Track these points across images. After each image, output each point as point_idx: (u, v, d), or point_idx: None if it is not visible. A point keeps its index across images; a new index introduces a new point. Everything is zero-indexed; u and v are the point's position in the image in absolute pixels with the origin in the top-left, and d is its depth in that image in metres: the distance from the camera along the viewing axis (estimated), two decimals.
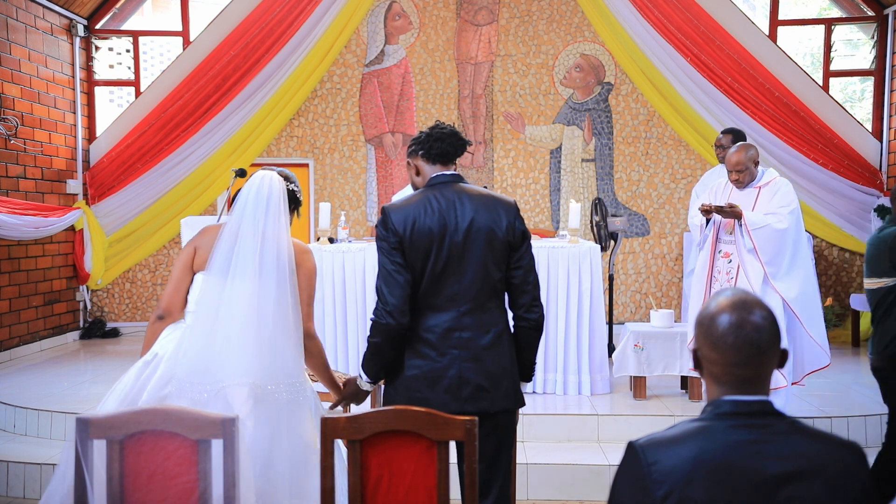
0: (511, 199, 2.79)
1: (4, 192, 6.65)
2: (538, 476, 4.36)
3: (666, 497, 1.48)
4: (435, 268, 2.63)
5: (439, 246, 2.62)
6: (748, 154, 4.55)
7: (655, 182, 7.99)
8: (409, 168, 2.84)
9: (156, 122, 7.62)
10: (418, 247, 2.62)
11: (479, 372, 2.63)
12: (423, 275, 2.64)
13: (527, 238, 2.74)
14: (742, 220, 4.48)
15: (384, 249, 2.66)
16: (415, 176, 2.82)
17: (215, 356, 2.62)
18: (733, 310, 1.57)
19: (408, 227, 2.63)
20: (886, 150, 7.59)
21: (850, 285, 7.85)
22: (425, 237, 2.62)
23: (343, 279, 5.43)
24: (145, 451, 2.24)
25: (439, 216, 2.64)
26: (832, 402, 5.10)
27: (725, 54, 7.38)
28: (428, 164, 2.77)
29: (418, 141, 2.80)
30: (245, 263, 2.67)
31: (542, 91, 8.01)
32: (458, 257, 2.64)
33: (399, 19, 8.04)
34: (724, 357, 1.56)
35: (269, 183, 2.79)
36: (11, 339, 6.84)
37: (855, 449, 1.56)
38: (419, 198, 2.70)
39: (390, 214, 2.66)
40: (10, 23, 6.79)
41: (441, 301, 2.65)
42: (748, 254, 4.50)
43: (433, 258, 2.63)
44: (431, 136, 2.77)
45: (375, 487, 2.27)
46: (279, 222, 2.76)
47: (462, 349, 2.63)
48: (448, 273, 2.64)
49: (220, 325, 2.65)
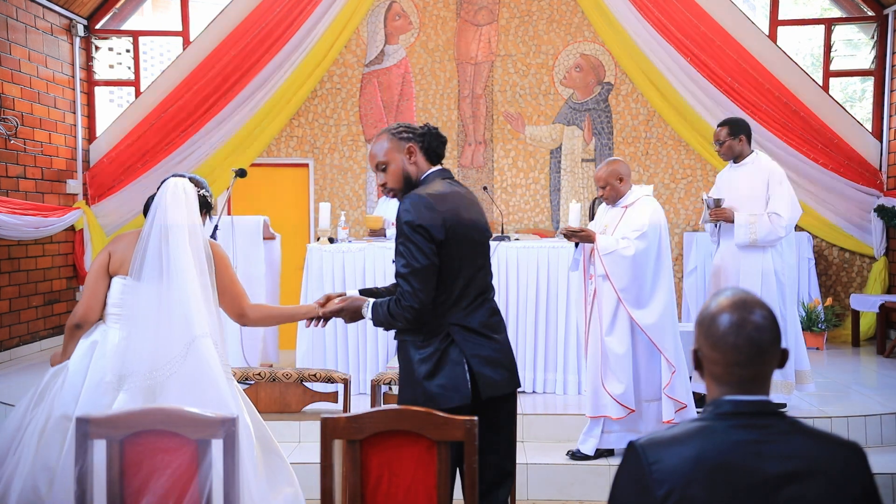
0: None
1: (4, 192, 6.65)
2: (538, 476, 4.37)
3: (667, 497, 1.48)
4: (466, 260, 2.74)
5: (469, 238, 2.74)
6: (610, 169, 4.37)
7: (655, 182, 7.99)
8: (404, 153, 2.78)
9: (156, 122, 7.61)
10: (455, 239, 2.69)
11: (510, 353, 2.87)
12: (458, 267, 2.72)
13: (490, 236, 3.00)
14: (595, 244, 4.29)
15: (423, 236, 2.65)
16: (410, 164, 2.79)
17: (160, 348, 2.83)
18: (734, 309, 1.57)
19: (449, 218, 2.68)
20: (886, 150, 7.59)
21: (850, 285, 7.85)
22: (462, 229, 2.72)
23: (343, 279, 5.43)
24: (145, 451, 2.24)
25: (467, 209, 2.77)
26: (832, 402, 5.10)
27: (725, 54, 7.38)
28: (426, 160, 2.82)
29: (416, 133, 2.80)
30: (172, 263, 2.87)
31: (542, 91, 8.01)
32: (481, 249, 2.82)
33: (399, 19, 8.04)
34: (726, 357, 1.56)
35: (182, 187, 2.97)
36: (11, 339, 6.84)
37: (856, 449, 1.56)
38: (448, 192, 2.74)
39: (435, 204, 2.68)
40: (10, 23, 6.79)
41: (474, 291, 2.77)
42: (602, 280, 4.29)
43: (466, 250, 2.74)
44: (431, 133, 2.81)
45: (375, 487, 2.27)
46: (195, 223, 2.96)
47: (500, 333, 2.83)
48: (473, 265, 2.77)
49: (161, 321, 2.84)
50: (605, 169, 4.40)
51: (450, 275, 2.69)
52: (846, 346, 7.22)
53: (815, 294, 7.19)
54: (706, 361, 1.60)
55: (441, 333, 2.70)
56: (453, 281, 2.69)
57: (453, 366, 2.67)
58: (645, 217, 4.26)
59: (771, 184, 4.70)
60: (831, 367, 6.27)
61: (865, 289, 7.62)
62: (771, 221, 4.61)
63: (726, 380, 1.58)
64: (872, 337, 7.35)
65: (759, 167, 4.79)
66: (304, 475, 4.34)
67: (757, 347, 1.55)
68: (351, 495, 2.26)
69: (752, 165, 4.82)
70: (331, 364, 5.40)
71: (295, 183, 8.17)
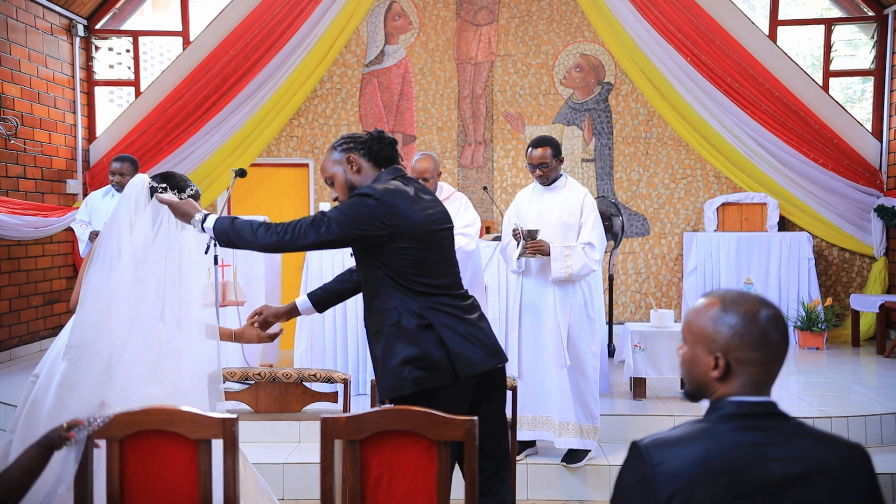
0: None
1: (4, 192, 6.65)
2: (538, 476, 4.36)
3: (671, 498, 1.47)
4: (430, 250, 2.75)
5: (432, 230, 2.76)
6: (435, 161, 4.47)
7: (655, 182, 7.99)
8: (345, 163, 2.79)
9: (156, 122, 7.61)
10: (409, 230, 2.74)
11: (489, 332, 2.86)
12: (425, 256, 2.74)
13: None
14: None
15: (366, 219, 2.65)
16: (353, 174, 2.79)
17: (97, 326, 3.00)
18: (764, 307, 1.55)
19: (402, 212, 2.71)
20: (886, 150, 7.59)
21: (850, 285, 7.85)
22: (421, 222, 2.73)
23: None
24: (145, 451, 2.24)
25: (429, 203, 2.78)
26: (832, 402, 5.10)
27: (725, 54, 7.38)
28: (372, 166, 2.80)
29: (359, 141, 2.80)
30: (122, 253, 3.03)
31: (542, 91, 8.01)
32: (447, 239, 2.84)
33: (399, 19, 8.04)
34: (769, 354, 1.54)
35: (136, 183, 3.14)
36: (11, 339, 6.84)
37: (860, 451, 1.55)
38: (405, 185, 2.76)
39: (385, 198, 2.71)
40: (10, 23, 6.79)
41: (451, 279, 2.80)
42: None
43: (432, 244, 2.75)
44: (374, 138, 2.80)
45: (375, 487, 2.27)
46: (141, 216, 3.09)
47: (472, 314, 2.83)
48: (439, 253, 2.79)
49: (111, 308, 3.01)
50: (430, 161, 4.43)
51: (416, 266, 2.69)
52: (846, 346, 7.22)
53: (815, 294, 7.18)
54: (739, 364, 1.55)
55: (415, 319, 2.68)
56: (422, 271, 2.70)
57: (432, 346, 2.66)
58: (471, 213, 4.48)
59: (585, 211, 4.27)
60: (831, 367, 6.27)
61: (865, 289, 7.62)
62: (585, 254, 4.19)
63: (758, 378, 1.55)
64: (872, 337, 7.35)
65: (572, 192, 4.33)
66: (303, 475, 4.35)
67: (786, 343, 1.56)
68: (351, 495, 2.26)
69: (565, 190, 4.35)
70: (331, 364, 5.40)
71: (295, 183, 8.17)
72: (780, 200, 7.53)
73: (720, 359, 1.56)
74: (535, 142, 4.32)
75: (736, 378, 1.56)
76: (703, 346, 1.58)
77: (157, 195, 2.99)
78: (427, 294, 2.70)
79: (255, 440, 4.67)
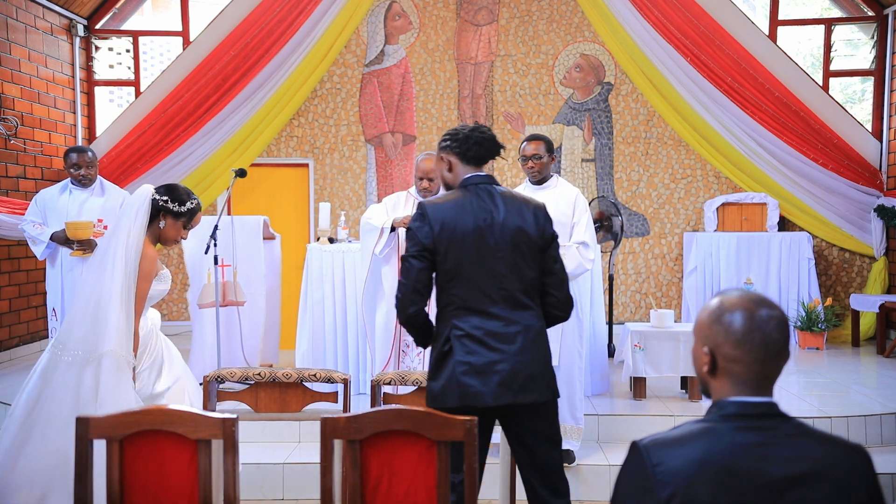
0: (541, 202, 2.88)
1: (4, 192, 6.65)
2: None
3: (670, 499, 1.47)
4: (468, 266, 2.71)
5: (474, 245, 2.71)
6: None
7: (655, 182, 7.99)
8: (440, 162, 2.91)
9: (156, 122, 7.61)
10: (452, 245, 2.71)
11: (526, 365, 2.71)
12: (459, 275, 2.72)
13: (556, 239, 2.84)
14: None
15: (411, 239, 2.76)
16: (446, 172, 2.90)
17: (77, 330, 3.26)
18: (754, 307, 1.56)
19: (445, 224, 2.72)
20: (886, 150, 7.59)
21: (850, 285, 7.85)
22: (459, 235, 2.71)
23: (343, 279, 5.43)
24: (145, 451, 2.24)
25: (474, 216, 2.73)
26: (832, 402, 5.10)
27: (725, 54, 7.38)
28: (462, 163, 2.85)
29: (455, 138, 2.86)
30: (108, 261, 3.26)
31: (542, 91, 8.01)
32: (491, 256, 2.72)
33: (399, 19, 8.04)
34: (750, 354, 1.55)
35: (140, 194, 3.36)
36: (11, 339, 6.84)
37: (861, 452, 1.55)
38: (455, 197, 2.79)
39: (428, 211, 2.75)
40: (10, 23, 6.79)
41: (479, 300, 2.72)
42: None
43: (469, 259, 2.71)
44: (470, 138, 2.84)
45: (375, 487, 2.27)
46: (133, 231, 3.31)
47: (508, 343, 2.70)
48: (481, 272, 2.71)
49: (88, 308, 3.26)
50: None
51: (447, 279, 2.73)
52: (846, 346, 7.22)
53: (815, 294, 7.19)
54: (724, 360, 1.57)
55: (443, 336, 2.74)
56: (452, 285, 2.73)
57: (446, 369, 2.72)
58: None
59: (577, 210, 4.28)
60: (831, 367, 6.27)
61: (865, 289, 7.62)
62: (580, 253, 4.20)
63: (745, 378, 1.56)
64: (872, 337, 7.35)
65: (564, 191, 4.35)
66: (304, 475, 4.35)
67: (777, 344, 1.55)
68: (351, 495, 2.26)
69: (557, 189, 4.36)
70: (331, 364, 5.40)
71: (295, 183, 8.17)
72: (780, 200, 7.53)
73: (707, 354, 1.60)
74: (530, 136, 4.40)
75: (726, 376, 1.58)
76: (700, 341, 1.63)
77: None
78: None
79: (255, 440, 4.67)
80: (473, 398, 2.67)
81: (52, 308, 5.32)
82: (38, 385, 3.25)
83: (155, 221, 3.41)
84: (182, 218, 3.46)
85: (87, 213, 5.16)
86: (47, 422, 3.17)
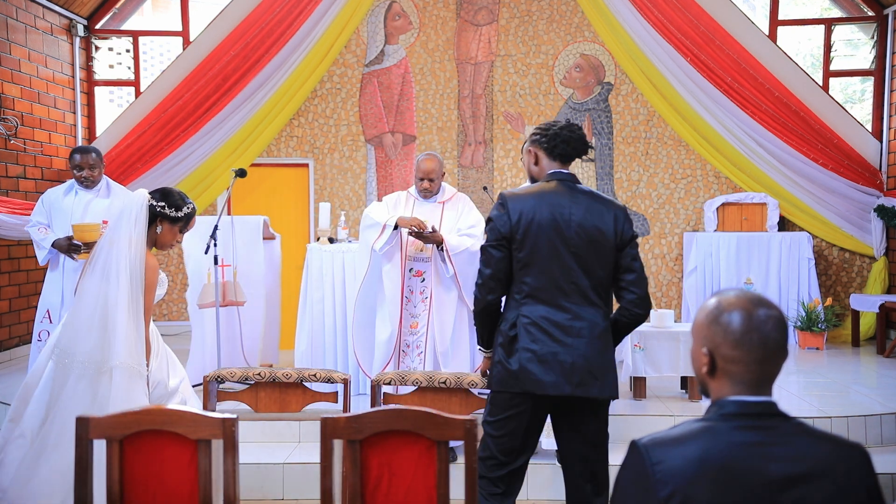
0: (621, 203, 2.95)
1: (4, 192, 6.65)
2: (538, 476, 4.36)
3: (670, 498, 1.47)
4: (541, 257, 2.78)
5: (549, 237, 2.77)
6: (440, 162, 4.53)
7: (655, 182, 8.00)
8: (527, 154, 3.00)
9: (156, 122, 7.61)
10: (527, 234, 2.78)
11: (588, 360, 2.78)
12: (532, 264, 2.79)
13: (634, 239, 2.88)
14: (443, 245, 4.39)
15: (491, 228, 2.86)
16: (532, 164, 2.99)
17: (83, 340, 3.26)
18: (752, 306, 1.56)
19: (523, 216, 2.79)
20: (886, 150, 7.59)
21: (850, 285, 7.85)
22: (536, 226, 2.78)
23: (343, 279, 5.42)
24: (145, 451, 2.24)
25: (552, 210, 2.79)
26: (832, 402, 5.10)
27: (725, 54, 7.38)
28: (548, 158, 2.93)
29: (546, 134, 2.93)
30: (112, 269, 3.27)
31: (542, 91, 8.01)
32: (565, 250, 2.78)
33: (399, 19, 8.04)
34: (749, 354, 1.55)
35: (136, 200, 3.37)
36: (11, 339, 6.84)
37: (860, 451, 1.55)
38: (537, 189, 2.86)
39: (508, 201, 2.84)
40: (10, 23, 6.79)
41: (548, 291, 2.79)
42: (448, 278, 4.45)
43: (542, 249, 2.78)
44: (559, 136, 2.91)
45: (375, 487, 2.27)
46: (134, 237, 3.32)
47: (573, 336, 2.77)
48: (554, 264, 2.78)
49: (94, 317, 3.26)
50: (435, 161, 4.54)
51: (520, 266, 2.82)
52: (846, 346, 7.21)
53: (815, 294, 7.18)
54: (723, 361, 1.57)
55: (510, 321, 2.82)
56: (525, 273, 2.81)
57: (509, 354, 2.80)
58: (476, 210, 4.55)
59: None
60: (831, 367, 6.27)
61: (865, 289, 7.62)
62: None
63: (744, 378, 1.56)
64: (872, 337, 7.35)
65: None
66: (304, 475, 4.35)
67: (776, 344, 1.55)
68: (351, 495, 2.26)
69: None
70: (330, 364, 5.39)
71: (295, 183, 8.17)
72: (780, 200, 7.53)
73: (706, 355, 1.59)
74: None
75: (725, 376, 1.58)
76: (698, 342, 1.63)
77: None
78: None
79: (255, 440, 4.66)
80: (534, 385, 2.75)
81: (45, 310, 5.13)
82: (45, 398, 3.25)
83: (151, 227, 3.42)
84: (179, 223, 3.48)
85: (92, 214, 5.04)
86: (60, 435, 3.17)
